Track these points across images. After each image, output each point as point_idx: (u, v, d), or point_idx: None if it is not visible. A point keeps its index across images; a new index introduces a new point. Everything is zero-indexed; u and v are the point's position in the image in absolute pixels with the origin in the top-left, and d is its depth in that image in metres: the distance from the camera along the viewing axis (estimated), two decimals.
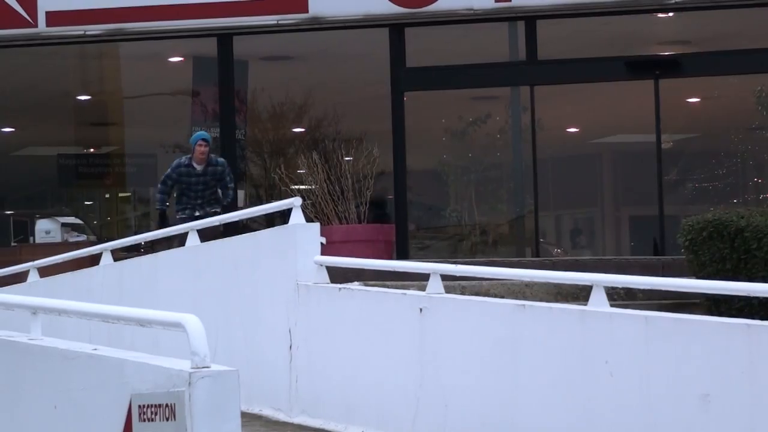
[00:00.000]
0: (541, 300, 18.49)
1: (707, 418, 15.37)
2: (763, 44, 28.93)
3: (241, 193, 28.91)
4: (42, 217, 31.71)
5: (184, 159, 24.27)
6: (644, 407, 15.95)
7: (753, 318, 15.71)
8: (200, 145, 23.67)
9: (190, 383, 10.98)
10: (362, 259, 21.77)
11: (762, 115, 31.42)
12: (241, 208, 26.49)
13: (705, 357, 15.73)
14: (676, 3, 28.52)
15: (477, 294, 19.06)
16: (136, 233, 26.37)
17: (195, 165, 23.26)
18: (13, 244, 30.63)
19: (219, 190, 24.64)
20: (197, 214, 23.49)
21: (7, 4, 29.13)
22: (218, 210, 23.90)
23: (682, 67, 29.50)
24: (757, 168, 31.83)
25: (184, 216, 23.92)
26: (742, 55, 29.93)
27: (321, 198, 26.06)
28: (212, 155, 23.91)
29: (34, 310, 14.29)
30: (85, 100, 33.86)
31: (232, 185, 24.38)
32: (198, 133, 24.14)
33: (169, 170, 24.39)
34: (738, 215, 22.69)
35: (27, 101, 32.48)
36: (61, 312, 14.98)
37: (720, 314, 16.75)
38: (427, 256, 22.80)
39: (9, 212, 32.15)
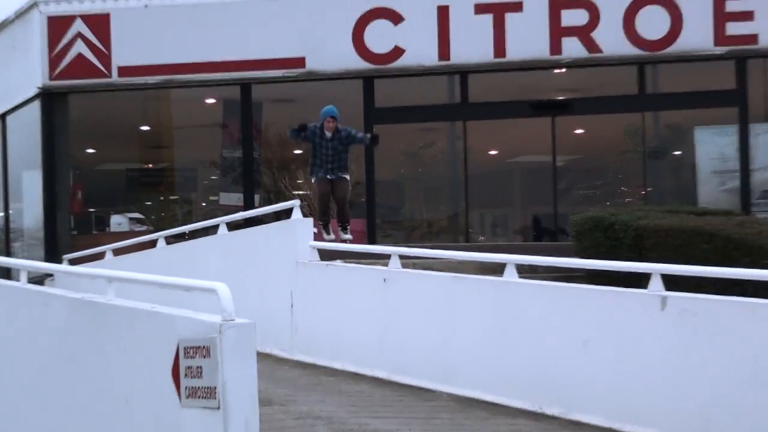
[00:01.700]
0: (470, 273, 18.63)
1: (587, 357, 15.49)
2: (627, 92, 29.02)
3: (256, 197, 28.92)
4: (115, 213, 31.79)
5: (318, 125, 22.99)
6: (543, 349, 16.10)
7: (620, 286, 15.84)
8: (328, 122, 22.77)
9: (220, 331, 11.20)
10: (344, 245, 21.90)
11: (627, 143, 31.51)
12: (256, 208, 26.58)
13: (585, 314, 15.88)
14: (567, 62, 28.58)
15: (424, 269, 19.20)
16: (182, 225, 26.36)
17: (326, 133, 22.50)
18: (94, 232, 30.62)
19: (356, 143, 23.84)
20: (329, 177, 22.57)
21: (91, 62, 29.21)
22: (347, 177, 22.99)
23: (571, 108, 29.68)
24: (623, 180, 31.98)
25: (320, 175, 22.81)
26: (612, 100, 29.98)
27: (314, 201, 26.18)
28: (341, 126, 22.88)
29: (110, 280, 14.39)
30: (145, 129, 33.86)
31: (361, 133, 23.44)
32: (327, 108, 23.17)
33: (311, 126, 23.10)
34: (609, 213, 22.84)
35: (104, 130, 32.43)
36: (128, 281, 15.10)
37: (597, 284, 16.87)
38: (389, 242, 22.86)
39: (92, 210, 32.13)
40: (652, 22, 28.21)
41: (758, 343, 13.44)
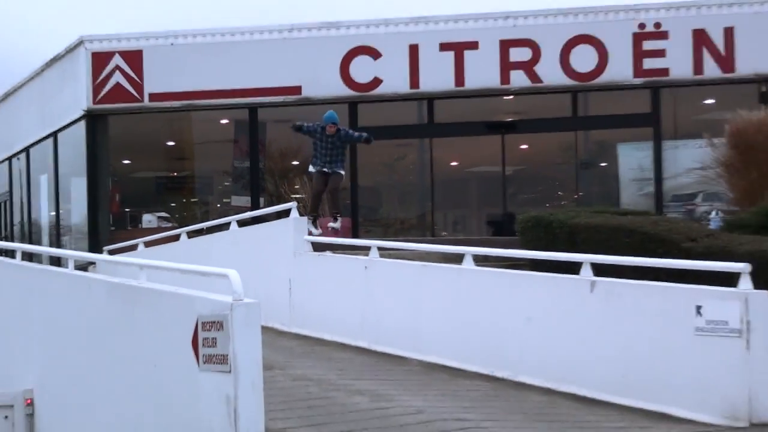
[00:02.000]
0: (435, 262, 18.63)
1: (530, 331, 15.49)
2: (563, 114, 29.02)
3: (261, 200, 28.87)
4: (146, 212, 31.72)
5: (321, 125, 21.89)
6: (495, 324, 16.10)
7: (557, 273, 15.85)
8: (330, 127, 21.64)
9: (231, 309, 11.21)
10: (332, 238, 21.85)
11: (562, 156, 31.46)
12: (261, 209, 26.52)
13: (529, 295, 15.90)
14: (514, 91, 28.62)
15: (398, 258, 19.17)
16: (200, 223, 26.29)
17: (326, 130, 21.63)
18: (129, 228, 30.55)
19: (352, 141, 23.15)
20: (325, 170, 21.73)
21: (127, 89, 29.21)
22: (341, 172, 22.09)
23: (517, 127, 29.75)
24: (559, 186, 32.02)
25: (316, 168, 21.96)
26: (551, 121, 30.03)
27: (309, 203, 26.15)
28: (341, 127, 21.96)
29: (141, 267, 14.38)
30: (170, 144, 33.88)
31: (358, 133, 22.43)
32: (328, 113, 22.18)
33: (314, 125, 22.14)
34: (549, 213, 22.83)
35: (137, 145, 32.40)
36: (156, 268, 15.10)
37: (539, 271, 16.89)
38: (369, 237, 22.83)
39: (127, 209, 32.06)
40: (583, 58, 28.25)
41: (668, 317, 13.50)
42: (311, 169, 22.20)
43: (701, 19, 28.07)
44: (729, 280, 13.26)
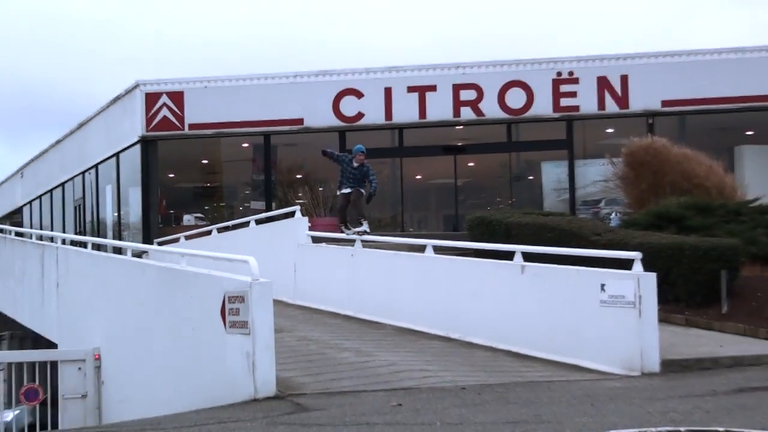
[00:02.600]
0: (404, 251, 18.54)
1: (476, 302, 15.43)
2: (500, 140, 28.97)
3: (273, 204, 28.71)
4: (186, 214, 31.63)
5: (349, 156, 20.92)
6: (449, 298, 16.07)
7: (496, 259, 15.78)
8: (360, 155, 20.53)
9: (250, 287, 11.14)
10: (325, 233, 21.75)
11: (500, 171, 31.37)
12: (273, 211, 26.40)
13: (475, 276, 15.87)
14: (463, 122, 28.50)
15: (376, 248, 19.09)
16: (227, 221, 26.21)
17: (354, 163, 20.51)
18: (173, 225, 30.42)
19: (366, 183, 20.86)
20: (349, 191, 20.45)
21: (171, 121, 29.11)
22: (362, 190, 20.70)
23: (465, 150, 29.70)
24: (498, 194, 31.85)
25: (343, 191, 20.68)
26: (491, 145, 29.98)
27: (309, 206, 26.03)
28: (367, 162, 20.67)
29: (182, 255, 14.41)
30: (204, 162, 33.74)
31: (374, 179, 20.73)
32: (358, 146, 21.09)
33: (343, 155, 21.37)
34: (489, 214, 22.83)
35: (179, 162, 32.29)
36: (193, 255, 15.05)
37: (482, 258, 16.79)
38: None
39: (171, 211, 31.98)
40: (515, 98, 28.22)
41: (580, 293, 13.50)
42: (339, 192, 21.14)
43: (603, 69, 28.08)
44: (625, 264, 13.27)
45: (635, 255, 13.30)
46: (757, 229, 20.28)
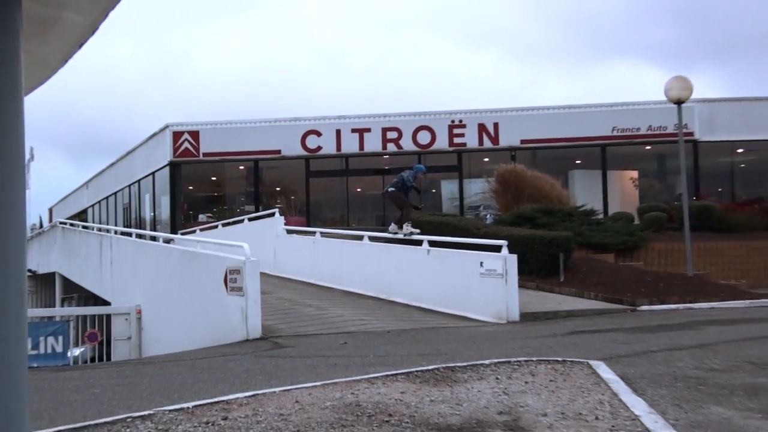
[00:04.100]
0: (349, 240, 18.45)
1: (397, 274, 15.42)
2: (413, 164, 28.96)
3: (260, 207, 28.41)
4: (200, 214, 31.22)
5: (411, 176, 17.07)
6: (379, 270, 16.01)
7: (411, 245, 15.74)
8: (423, 174, 17.80)
9: (245, 263, 10.93)
10: (296, 227, 21.60)
11: (431, 185, 31.32)
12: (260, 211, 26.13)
13: (397, 256, 15.82)
14: (388, 153, 28.44)
15: (330, 237, 18.97)
16: (229, 219, 25.93)
17: (415, 182, 17.05)
18: (192, 221, 29.93)
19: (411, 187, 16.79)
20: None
21: (191, 150, 28.74)
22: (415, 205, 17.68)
23: (390, 172, 29.61)
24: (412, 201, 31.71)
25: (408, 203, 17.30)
26: (408, 169, 29.89)
27: (284, 209, 25.82)
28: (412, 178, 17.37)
29: (198, 242, 14.17)
30: (213, 179, 33.14)
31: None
32: (420, 166, 18.44)
33: (412, 178, 17.01)
34: (411, 215, 22.79)
35: (196, 179, 31.77)
36: (205, 242, 14.85)
37: (402, 245, 16.78)
38: (316, 226, 22.66)
39: (190, 212, 31.48)
40: (423, 137, 28.26)
41: (467, 268, 13.52)
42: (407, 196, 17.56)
43: (482, 118, 28.23)
44: (496, 248, 13.34)
45: (503, 242, 13.40)
46: (583, 226, 20.65)
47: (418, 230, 16.34)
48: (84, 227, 26.46)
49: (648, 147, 28.44)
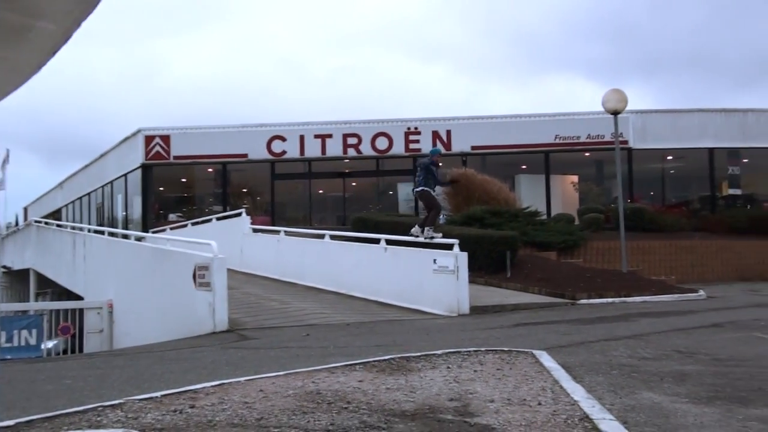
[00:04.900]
0: (311, 238, 18.35)
1: (356, 270, 15.37)
2: (372, 169, 28.99)
3: (228, 207, 28.09)
4: (171, 213, 30.70)
5: (430, 161, 15.19)
6: (339, 268, 15.92)
7: (369, 243, 15.71)
8: (439, 155, 16.11)
9: (212, 260, 10.79)
10: (262, 226, 21.42)
11: (371, 188, 31.30)
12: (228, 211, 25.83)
13: (356, 254, 15.78)
14: (349, 158, 28.43)
15: (294, 236, 18.85)
16: (198, 219, 25.62)
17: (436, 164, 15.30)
18: (162, 221, 29.44)
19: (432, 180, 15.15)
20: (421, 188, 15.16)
21: (162, 153, 28.40)
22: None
23: (351, 175, 29.57)
24: (370, 202, 31.61)
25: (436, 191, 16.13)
26: (367, 172, 29.88)
27: (250, 209, 25.54)
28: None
29: (167, 240, 14.06)
30: (183, 180, 32.68)
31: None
32: (435, 149, 17.06)
33: (431, 163, 15.11)
34: (365, 215, 22.72)
35: (166, 180, 31.25)
36: (175, 240, 14.66)
37: (361, 243, 16.74)
38: (281, 226, 22.47)
39: (161, 211, 30.94)
40: (382, 143, 28.24)
41: (422, 265, 13.55)
42: (433, 191, 15.64)
43: (436, 126, 28.33)
44: (449, 247, 13.39)
45: (454, 241, 13.46)
46: (528, 226, 20.83)
47: (440, 234, 14.69)
48: (58, 226, 25.96)
49: (587, 154, 28.85)
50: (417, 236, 14.72)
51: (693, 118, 28.73)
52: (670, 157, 30.08)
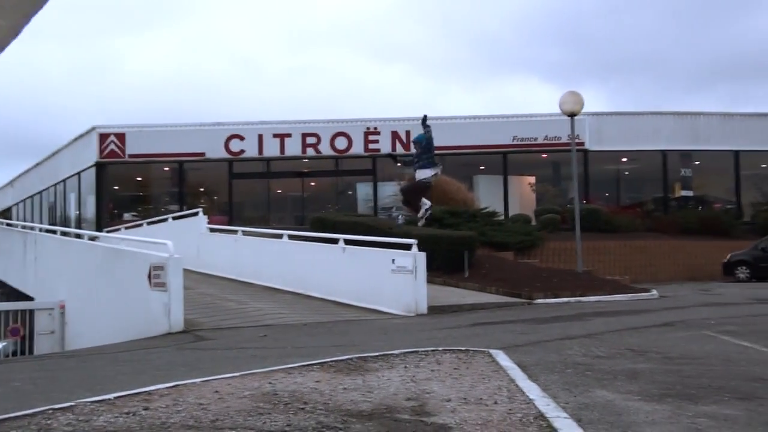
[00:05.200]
0: (269, 238, 18.22)
1: (314, 270, 15.33)
2: (331, 169, 28.98)
3: (184, 207, 27.72)
4: (126, 212, 30.19)
5: (423, 136, 13.80)
6: (298, 267, 15.88)
7: (328, 243, 15.67)
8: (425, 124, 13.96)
9: (168, 260, 10.66)
10: (219, 225, 21.23)
11: (330, 188, 31.30)
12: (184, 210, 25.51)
13: (313, 253, 15.74)
14: (308, 158, 28.38)
15: (252, 236, 18.69)
16: (154, 218, 25.30)
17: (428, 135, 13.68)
18: (117, 220, 28.87)
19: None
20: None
21: (117, 152, 27.99)
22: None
23: (309, 174, 29.50)
24: (328, 202, 31.47)
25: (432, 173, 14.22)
26: (326, 172, 29.82)
27: (207, 209, 25.25)
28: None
29: (122, 239, 13.83)
30: (139, 179, 32.16)
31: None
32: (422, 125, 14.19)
33: (424, 137, 13.81)
34: (324, 215, 22.67)
35: (121, 179, 30.74)
36: (129, 240, 14.46)
37: (319, 242, 16.68)
38: (238, 225, 22.29)
39: (116, 210, 30.41)
40: (341, 143, 28.24)
41: (380, 265, 13.56)
42: (426, 176, 14.20)
43: (395, 126, 28.36)
44: (407, 247, 13.41)
45: (413, 241, 13.47)
46: (486, 227, 21.03)
47: (429, 203, 14.05)
48: (8, 225, 25.43)
49: (544, 155, 29.21)
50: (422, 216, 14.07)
51: (647, 121, 29.30)
52: (624, 159, 30.61)
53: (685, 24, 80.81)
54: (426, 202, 14.31)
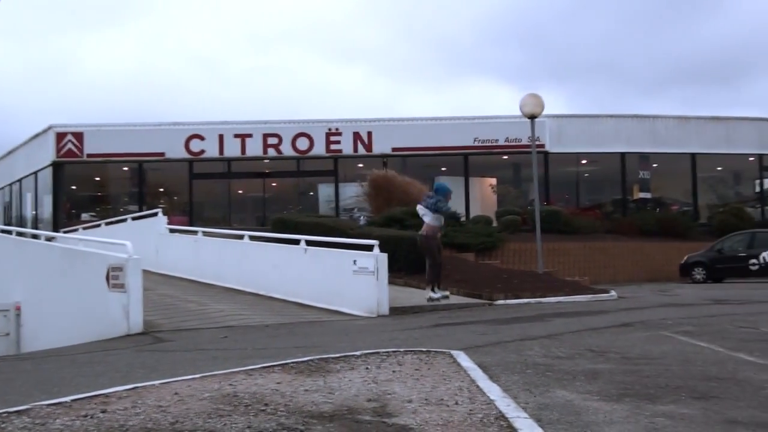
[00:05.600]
0: (230, 239, 18.07)
1: (275, 271, 15.24)
2: (292, 170, 28.93)
3: (144, 207, 27.39)
4: (83, 213, 29.74)
5: (438, 201, 14.04)
6: (258, 268, 15.79)
7: (289, 245, 15.59)
8: (450, 192, 14.68)
9: (127, 261, 10.54)
10: (180, 226, 21.00)
11: (291, 189, 31.33)
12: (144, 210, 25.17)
13: (275, 255, 15.67)
14: (269, 158, 28.23)
15: (212, 237, 18.54)
16: (112, 218, 24.96)
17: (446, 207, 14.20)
18: (74, 220, 28.45)
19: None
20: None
21: (74, 151, 27.63)
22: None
23: (271, 175, 29.39)
24: (292, 203, 31.30)
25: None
26: (288, 173, 29.84)
27: (167, 209, 24.94)
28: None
29: (79, 240, 13.66)
30: (97, 179, 31.76)
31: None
32: (442, 184, 15.58)
33: (442, 201, 14.07)
34: (285, 216, 22.61)
35: (79, 179, 30.39)
36: (87, 240, 14.25)
37: (280, 243, 16.61)
38: (199, 226, 22.12)
39: (73, 210, 30.06)
40: (302, 143, 28.21)
41: (341, 266, 13.52)
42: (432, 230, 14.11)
43: (357, 127, 28.45)
44: (368, 248, 13.41)
45: (374, 242, 13.46)
46: (447, 228, 21.09)
47: (447, 293, 13.93)
48: None
49: (505, 157, 29.50)
50: (430, 300, 13.61)
51: (607, 124, 29.77)
52: (584, 161, 31.06)
53: (641, 29, 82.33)
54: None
